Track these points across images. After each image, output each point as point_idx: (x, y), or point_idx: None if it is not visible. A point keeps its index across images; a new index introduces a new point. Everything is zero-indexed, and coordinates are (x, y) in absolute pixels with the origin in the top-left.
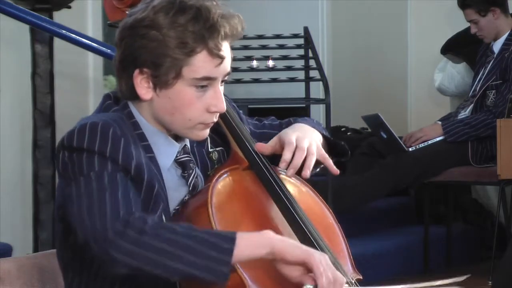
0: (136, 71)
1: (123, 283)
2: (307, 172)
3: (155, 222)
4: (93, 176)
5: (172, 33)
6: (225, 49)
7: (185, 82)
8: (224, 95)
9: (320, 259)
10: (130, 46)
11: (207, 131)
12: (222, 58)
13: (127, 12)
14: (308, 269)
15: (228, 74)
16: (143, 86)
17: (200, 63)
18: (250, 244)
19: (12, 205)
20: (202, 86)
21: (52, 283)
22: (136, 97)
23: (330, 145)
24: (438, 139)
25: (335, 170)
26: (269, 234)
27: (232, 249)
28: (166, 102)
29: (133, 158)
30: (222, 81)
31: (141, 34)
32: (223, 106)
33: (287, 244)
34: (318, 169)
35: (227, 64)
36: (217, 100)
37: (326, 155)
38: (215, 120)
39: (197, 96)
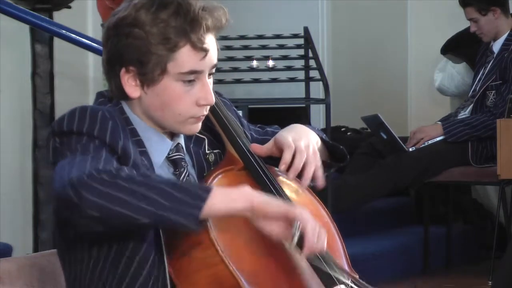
0: (123, 70)
1: (122, 275)
2: (306, 183)
3: (131, 171)
4: (79, 148)
5: (155, 30)
6: (209, 41)
7: (171, 78)
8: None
9: (301, 210)
10: (115, 45)
11: (199, 125)
12: (206, 51)
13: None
14: (289, 223)
15: (214, 66)
16: (130, 84)
17: (184, 58)
18: (227, 196)
19: (12, 205)
20: (190, 81)
21: (52, 283)
22: (125, 96)
23: (329, 149)
24: (438, 139)
25: (321, 183)
26: (248, 188)
27: (206, 197)
28: (154, 99)
29: (121, 139)
30: (210, 74)
31: (125, 33)
32: (211, 98)
33: (266, 198)
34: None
35: (212, 57)
36: (205, 93)
37: (319, 163)
38: (206, 113)
39: (185, 91)
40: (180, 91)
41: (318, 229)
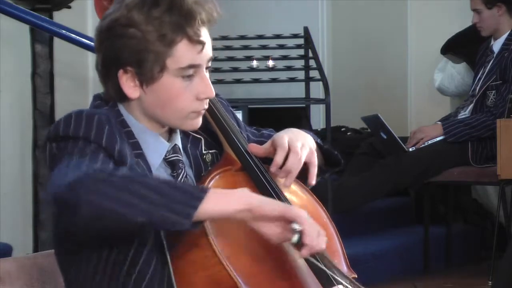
0: (120, 72)
1: (124, 281)
2: (288, 182)
3: (129, 171)
4: (76, 151)
5: (150, 28)
6: (204, 34)
7: (170, 74)
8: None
9: (299, 210)
10: (110, 47)
11: (200, 119)
12: (203, 43)
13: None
14: (287, 224)
15: (211, 59)
16: (129, 85)
17: (182, 52)
18: (224, 197)
19: (12, 205)
20: (188, 76)
21: (52, 283)
22: (124, 98)
23: (323, 155)
24: (438, 139)
25: (312, 181)
26: (246, 190)
27: (202, 197)
28: (155, 97)
29: (117, 143)
30: (206, 68)
31: (120, 34)
32: (211, 91)
33: (264, 199)
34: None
35: (208, 50)
36: (205, 86)
37: (315, 162)
38: (206, 107)
39: (184, 86)
40: (179, 87)
41: (317, 228)
